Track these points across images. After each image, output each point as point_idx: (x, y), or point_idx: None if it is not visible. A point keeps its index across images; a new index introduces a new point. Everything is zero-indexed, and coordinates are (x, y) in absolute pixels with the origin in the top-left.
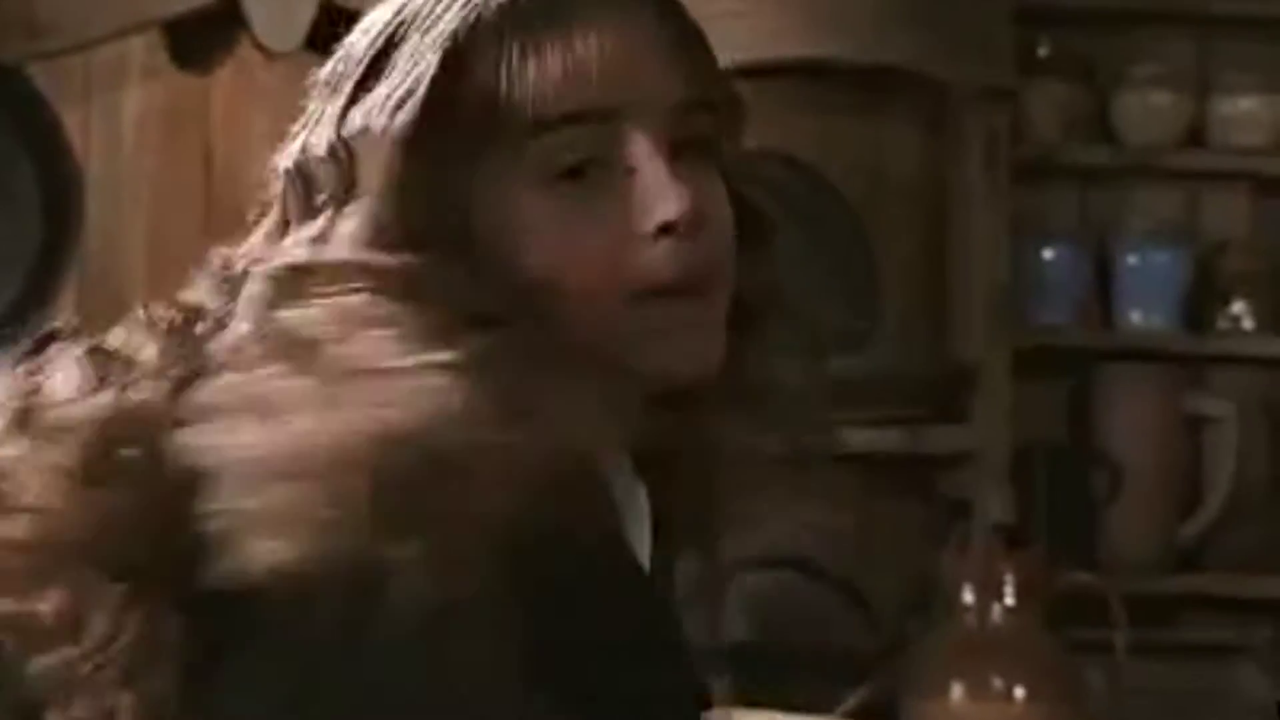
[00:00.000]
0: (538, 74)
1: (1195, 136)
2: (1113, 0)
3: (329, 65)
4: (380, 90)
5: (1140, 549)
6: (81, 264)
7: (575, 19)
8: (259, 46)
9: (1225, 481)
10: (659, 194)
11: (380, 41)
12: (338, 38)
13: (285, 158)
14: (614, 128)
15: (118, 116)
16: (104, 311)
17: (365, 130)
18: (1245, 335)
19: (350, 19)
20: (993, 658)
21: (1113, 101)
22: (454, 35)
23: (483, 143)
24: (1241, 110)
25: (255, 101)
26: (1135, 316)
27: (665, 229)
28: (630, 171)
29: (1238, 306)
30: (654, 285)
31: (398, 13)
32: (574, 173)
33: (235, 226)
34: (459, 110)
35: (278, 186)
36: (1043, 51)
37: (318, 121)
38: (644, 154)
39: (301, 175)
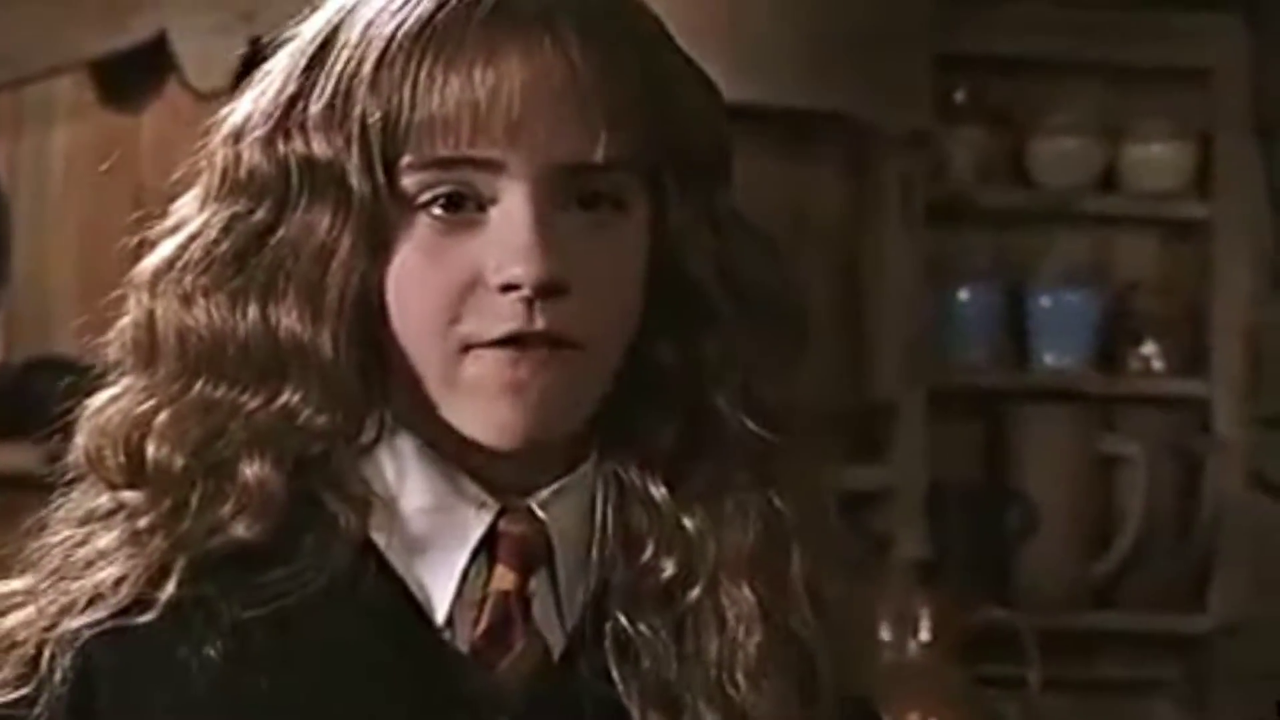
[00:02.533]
0: (430, 104)
1: (1108, 181)
2: (1029, 49)
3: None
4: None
5: (1054, 586)
6: (8, 299)
7: (489, 51)
8: (187, 86)
9: (1135, 520)
10: (514, 252)
11: (319, 40)
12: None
13: (229, 118)
14: (493, 174)
15: (47, 152)
16: (30, 345)
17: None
18: (1156, 376)
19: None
20: (908, 693)
21: (1028, 147)
22: (381, 52)
23: (372, 164)
24: (1153, 155)
25: (184, 140)
26: (1049, 357)
27: (508, 288)
28: (498, 219)
29: (1148, 348)
30: (486, 340)
31: (337, 10)
32: (446, 204)
33: None
34: (353, 128)
35: (212, 144)
36: (960, 98)
37: (259, 109)
38: (515, 207)
39: (233, 155)
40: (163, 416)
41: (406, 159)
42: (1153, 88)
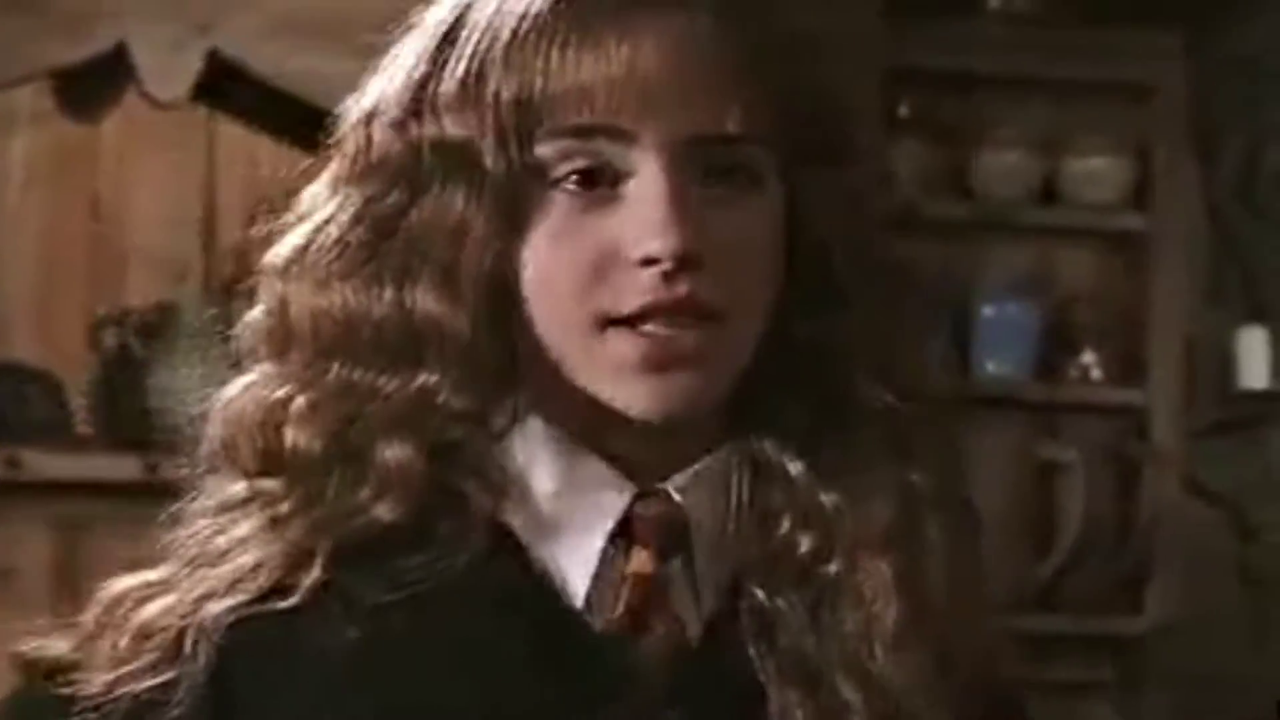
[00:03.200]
0: (565, 77)
1: (1049, 194)
2: (972, 64)
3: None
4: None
5: (995, 589)
6: None
7: (624, 26)
8: (146, 95)
9: (1074, 524)
10: (651, 226)
11: (448, 21)
12: (223, 88)
13: (359, 103)
14: (627, 145)
15: (6, 160)
16: None
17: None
18: (1094, 385)
19: (235, 71)
20: None
21: (971, 160)
22: (514, 29)
23: (506, 140)
24: (1092, 169)
25: (142, 149)
26: (991, 366)
27: (647, 262)
28: (634, 193)
29: (1088, 357)
30: (626, 313)
31: None
32: (581, 180)
33: (120, 271)
34: (488, 104)
35: (343, 129)
36: (904, 112)
37: (392, 80)
38: (650, 180)
39: (365, 138)
40: (299, 402)
41: (542, 129)
42: (1093, 103)
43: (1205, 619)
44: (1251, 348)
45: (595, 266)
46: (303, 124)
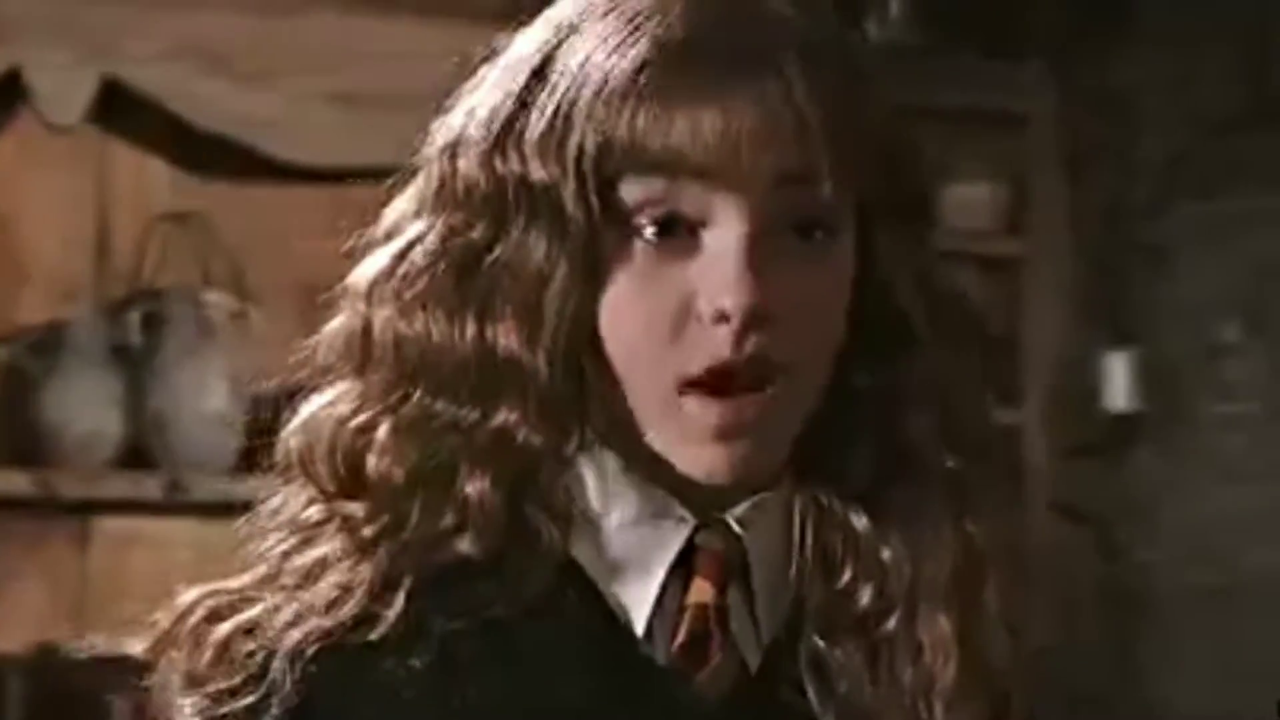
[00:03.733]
0: (652, 138)
1: None
2: None
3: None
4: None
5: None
6: None
7: (712, 94)
8: (41, 119)
9: None
10: (724, 281)
11: (535, 62)
12: (119, 112)
13: (444, 129)
14: (710, 190)
15: None
16: None
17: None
18: None
19: (132, 97)
20: None
21: None
22: (601, 83)
23: (587, 191)
24: (968, 196)
25: (36, 170)
26: None
27: (720, 318)
28: (711, 244)
29: None
30: (698, 372)
31: (551, 34)
32: (660, 229)
33: (13, 290)
34: (579, 154)
35: (428, 153)
36: None
37: (476, 114)
38: (728, 231)
39: (450, 165)
40: (384, 428)
41: (624, 175)
42: (968, 132)
43: (1075, 639)
44: (1117, 371)
45: (672, 321)
46: (195, 147)
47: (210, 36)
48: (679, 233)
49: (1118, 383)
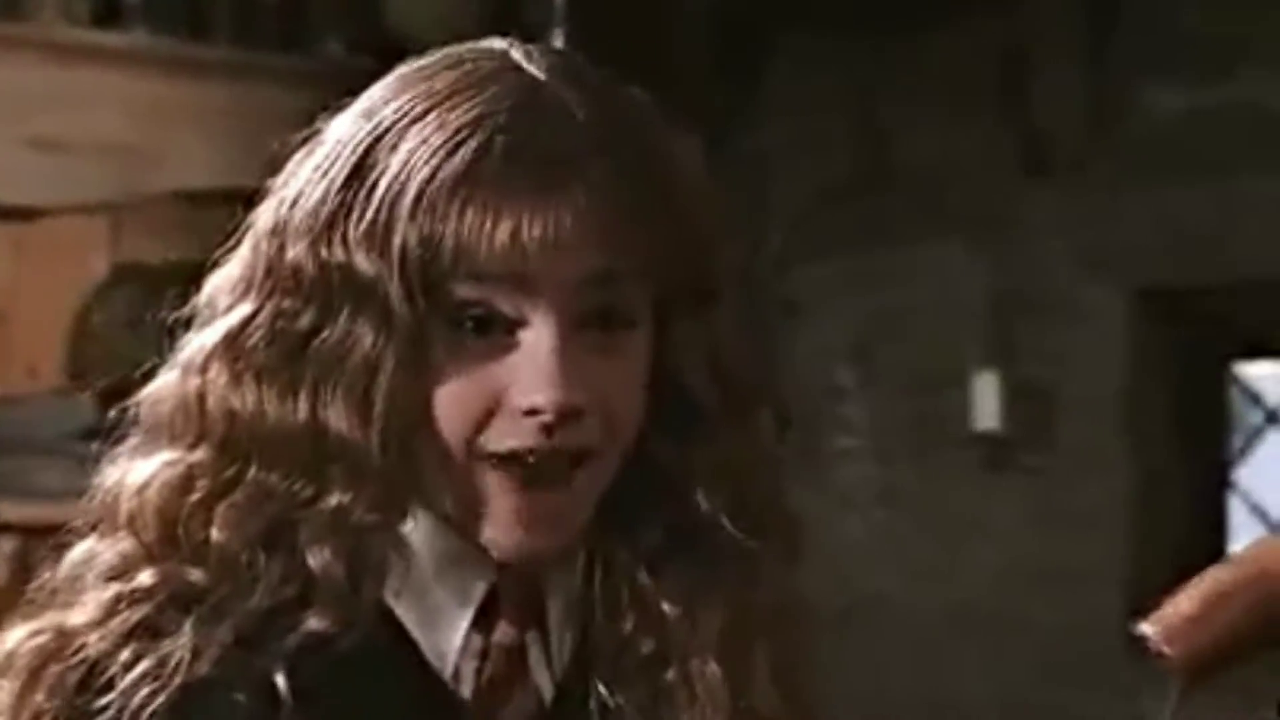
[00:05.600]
0: (473, 242)
1: None
2: None
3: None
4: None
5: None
6: None
7: (526, 201)
8: None
9: None
10: (537, 379)
11: (353, 158)
12: None
13: (268, 211)
14: (524, 294)
15: None
16: None
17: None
18: None
19: None
20: None
21: None
22: (420, 190)
23: (412, 290)
24: None
25: None
26: None
27: (531, 413)
28: (526, 344)
29: None
30: (505, 452)
31: (371, 130)
32: (478, 326)
33: None
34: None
35: (252, 234)
36: None
37: (288, 202)
38: (540, 332)
39: (276, 248)
40: (224, 503)
41: (444, 292)
42: None
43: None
44: None
45: (484, 408)
46: None
47: None
48: (496, 330)
49: None
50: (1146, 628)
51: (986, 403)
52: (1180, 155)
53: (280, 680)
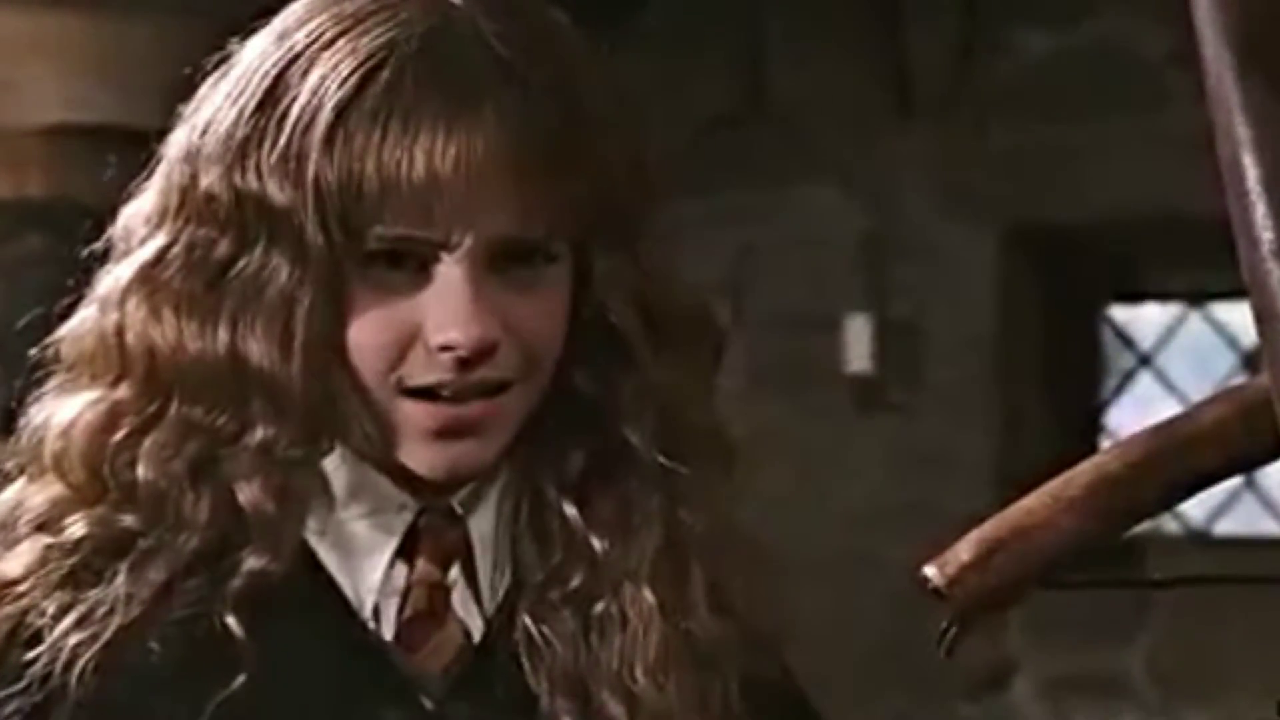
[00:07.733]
0: (383, 175)
1: None
2: None
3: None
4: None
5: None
6: None
7: (436, 134)
8: None
9: None
10: (451, 316)
11: (264, 84)
12: None
13: (180, 139)
14: (434, 234)
15: None
16: None
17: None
18: None
19: None
20: None
21: None
22: (334, 119)
23: (327, 222)
24: None
25: None
26: None
27: (445, 348)
28: (440, 281)
29: None
30: (420, 386)
31: (283, 55)
32: (391, 262)
33: None
34: (320, 184)
35: (166, 161)
36: None
37: (201, 129)
38: (454, 275)
39: (189, 177)
40: (148, 440)
41: (359, 216)
42: None
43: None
44: None
45: (402, 341)
46: None
47: None
48: (411, 265)
49: None
50: (929, 571)
51: (859, 345)
52: (1048, 95)
53: (232, 621)
